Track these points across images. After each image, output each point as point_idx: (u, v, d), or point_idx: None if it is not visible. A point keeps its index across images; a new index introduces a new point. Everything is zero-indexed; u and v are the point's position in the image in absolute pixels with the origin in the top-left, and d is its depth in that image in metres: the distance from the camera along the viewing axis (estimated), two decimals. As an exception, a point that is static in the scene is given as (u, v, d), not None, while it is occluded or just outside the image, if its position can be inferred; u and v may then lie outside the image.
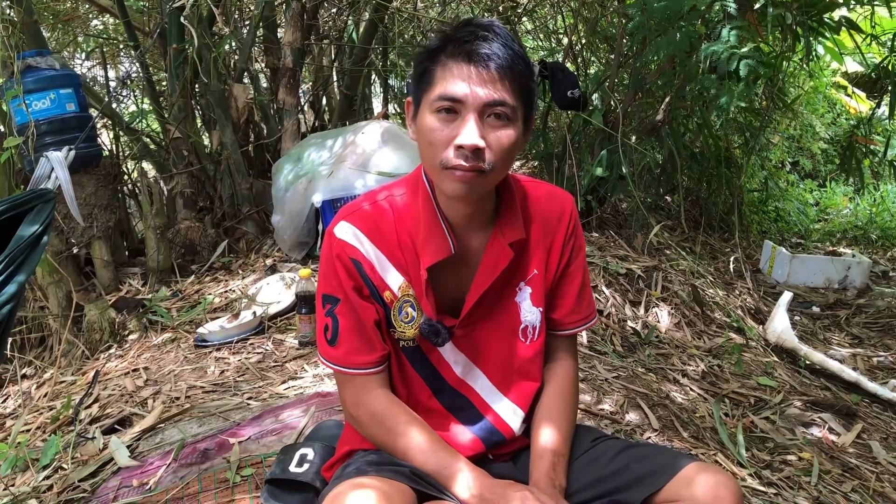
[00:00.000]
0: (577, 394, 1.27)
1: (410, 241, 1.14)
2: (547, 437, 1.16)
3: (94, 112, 3.57)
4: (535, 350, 1.22)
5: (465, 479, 1.07)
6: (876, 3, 3.94)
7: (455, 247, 1.13)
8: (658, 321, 3.07)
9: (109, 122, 4.13)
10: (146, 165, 4.50)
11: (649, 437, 2.05)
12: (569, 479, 1.14)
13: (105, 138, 4.32)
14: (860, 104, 5.87)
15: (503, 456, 1.23)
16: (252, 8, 4.69)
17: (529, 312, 1.20)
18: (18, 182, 3.19)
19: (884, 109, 5.08)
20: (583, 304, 1.26)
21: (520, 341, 1.21)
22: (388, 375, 1.19)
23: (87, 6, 4.72)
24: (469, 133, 1.01)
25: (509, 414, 1.21)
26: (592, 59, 5.14)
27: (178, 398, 2.19)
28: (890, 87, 4.07)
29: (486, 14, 5.28)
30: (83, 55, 5.22)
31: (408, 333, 1.16)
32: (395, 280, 1.15)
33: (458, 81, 1.02)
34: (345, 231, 1.14)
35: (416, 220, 1.14)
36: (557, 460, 1.13)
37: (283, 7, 4.01)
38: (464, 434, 1.20)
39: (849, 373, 2.81)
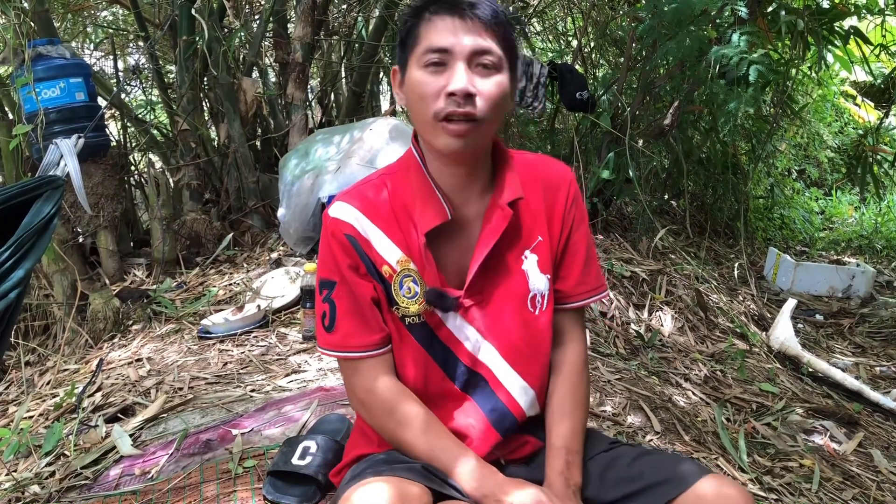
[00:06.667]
0: (587, 380, 1.24)
1: (407, 214, 1.14)
2: (561, 434, 1.16)
3: (102, 102, 3.57)
4: (545, 320, 1.19)
5: (472, 474, 1.06)
6: (887, 13, 3.93)
7: (451, 212, 1.12)
8: (661, 325, 3.07)
9: (117, 112, 4.14)
10: (153, 157, 4.50)
11: (651, 440, 2.05)
12: (584, 476, 1.14)
13: (113, 128, 4.33)
14: (868, 113, 5.85)
15: (517, 461, 1.21)
16: (263, 2, 4.70)
17: (537, 279, 1.17)
18: (26, 170, 3.20)
19: (892, 119, 5.07)
20: (590, 275, 1.23)
21: (528, 311, 1.17)
22: (391, 360, 1.17)
23: (97, -4, 4.73)
24: (459, 78, 1.03)
25: (519, 393, 1.18)
26: (601, 61, 5.14)
27: (181, 389, 2.19)
28: (899, 97, 4.06)
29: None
30: (92, 45, 5.23)
31: (412, 309, 1.14)
32: (392, 254, 1.14)
33: (444, 32, 1.04)
34: (339, 210, 1.14)
35: (410, 193, 1.14)
36: (572, 458, 1.13)
37: (294, 2, 4.02)
38: (476, 423, 1.17)
39: (851, 381, 2.80)
